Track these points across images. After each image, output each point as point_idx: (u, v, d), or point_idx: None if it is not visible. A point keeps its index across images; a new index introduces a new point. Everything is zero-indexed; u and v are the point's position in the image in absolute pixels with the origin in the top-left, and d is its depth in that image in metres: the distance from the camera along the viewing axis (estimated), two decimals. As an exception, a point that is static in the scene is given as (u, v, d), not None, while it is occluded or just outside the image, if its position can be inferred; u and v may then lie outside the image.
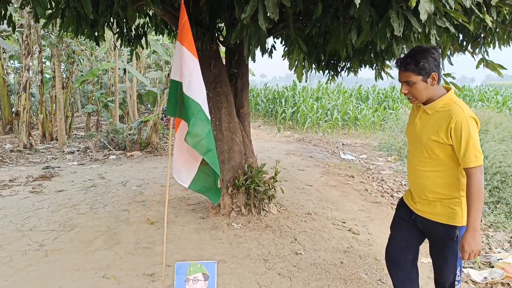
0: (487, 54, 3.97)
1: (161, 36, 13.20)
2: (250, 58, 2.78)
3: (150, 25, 5.35)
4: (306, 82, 6.97)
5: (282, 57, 5.93)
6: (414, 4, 1.86)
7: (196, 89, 2.16)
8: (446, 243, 2.01)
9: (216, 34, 4.40)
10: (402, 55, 3.59)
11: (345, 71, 6.00)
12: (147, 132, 8.90)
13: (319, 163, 7.65)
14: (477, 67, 4.03)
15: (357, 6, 2.22)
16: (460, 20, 2.28)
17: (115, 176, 6.43)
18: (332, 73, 5.96)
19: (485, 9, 2.53)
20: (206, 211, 4.46)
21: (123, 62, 13.06)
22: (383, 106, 13.60)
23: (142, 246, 3.53)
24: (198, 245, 3.54)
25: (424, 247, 2.38)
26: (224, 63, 4.51)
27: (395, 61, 2.03)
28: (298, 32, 2.96)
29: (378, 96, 15.21)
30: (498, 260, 3.61)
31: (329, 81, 6.47)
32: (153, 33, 9.06)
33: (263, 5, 2.06)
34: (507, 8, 2.52)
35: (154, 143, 8.81)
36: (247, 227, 3.93)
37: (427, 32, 2.50)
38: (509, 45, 4.05)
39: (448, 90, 2.00)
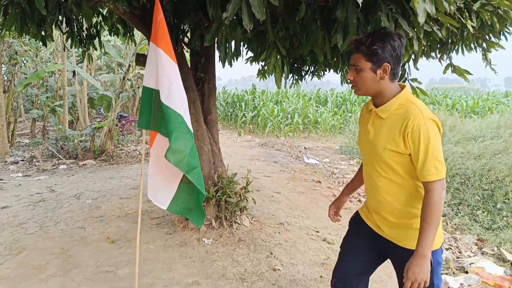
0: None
1: (113, 37, 12.52)
2: (226, 62, 2.55)
3: (103, 24, 4.95)
4: (285, 87, 6.84)
5: (244, 60, 5.74)
6: (417, 5, 1.72)
7: (176, 98, 1.88)
8: None
9: (181, 36, 4.12)
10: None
11: (309, 75, 5.92)
12: (101, 139, 8.34)
13: (284, 168, 7.52)
14: (444, 72, 4.05)
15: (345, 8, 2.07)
16: (448, 25, 2.19)
17: (67, 188, 5.89)
18: (296, 77, 5.86)
19: (466, 14, 2.48)
20: (173, 226, 4.15)
21: (71, 63, 12.25)
22: (342, 109, 13.84)
23: (104, 270, 3.16)
24: (167, 266, 3.24)
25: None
26: (189, 67, 4.23)
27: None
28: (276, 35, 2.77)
29: (336, 99, 15.45)
30: (470, 264, 3.63)
31: (292, 85, 6.37)
32: (105, 33, 8.53)
33: (247, 4, 1.84)
34: (488, 14, 2.48)
35: (109, 151, 8.27)
36: (219, 242, 3.67)
37: (410, 36, 2.41)
38: (475, 51, 4.13)
39: (402, 88, 1.69)
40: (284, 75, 2.72)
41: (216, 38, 2.64)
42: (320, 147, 10.93)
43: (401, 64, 1.63)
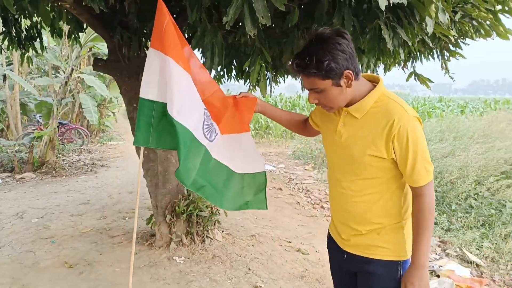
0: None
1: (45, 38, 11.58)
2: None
3: (44, 25, 4.49)
4: (270, 96, 6.68)
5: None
6: (434, 15, 1.68)
7: (189, 113, 1.66)
8: (388, 285, 1.50)
9: (144, 40, 3.83)
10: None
11: (255, 80, 5.86)
12: (41, 149, 7.62)
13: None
14: (407, 80, 4.18)
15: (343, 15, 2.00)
16: (440, 35, 2.21)
17: (6, 206, 5.26)
18: (256, 82, 5.77)
19: (449, 24, 2.53)
20: (137, 244, 3.83)
21: (2, 66, 11.12)
22: (292, 115, 14.01)
23: (66, 301, 2.81)
24: (139, 291, 2.95)
25: None
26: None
27: (291, 61, 1.43)
28: (262, 41, 2.63)
29: (285, 104, 15.64)
30: (440, 267, 3.74)
31: (250, 91, 6.28)
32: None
33: (250, 7, 1.69)
34: (469, 24, 2.55)
35: (50, 162, 7.57)
36: (192, 259, 3.44)
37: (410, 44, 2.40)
38: (433, 59, 4.31)
39: (374, 81, 1.47)
40: (268, 83, 2.61)
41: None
42: (273, 152, 10.95)
43: (356, 58, 1.40)
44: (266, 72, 2.60)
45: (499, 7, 2.64)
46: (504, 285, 3.42)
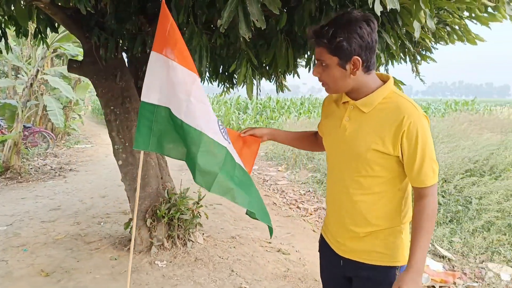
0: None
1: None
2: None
3: (9, 25, 4.30)
4: (257, 98, 6.67)
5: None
6: (424, 21, 1.76)
7: (198, 114, 1.64)
8: None
9: (121, 41, 3.76)
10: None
11: (241, 83, 5.89)
12: (4, 153, 7.28)
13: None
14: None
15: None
16: (421, 39, 2.32)
17: (-30, 214, 5.00)
18: (228, 85, 5.79)
19: (426, 29, 2.65)
20: (115, 249, 3.75)
21: (-42, 67, 10.54)
22: (264, 116, 14.11)
23: (46, 311, 2.71)
24: (122, 297, 2.89)
25: None
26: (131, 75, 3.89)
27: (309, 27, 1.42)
28: (248, 44, 2.66)
29: (257, 106, 15.72)
30: (414, 262, 3.89)
31: (223, 93, 6.29)
32: None
33: (244, 10, 1.71)
34: (444, 30, 2.69)
35: (15, 167, 7.25)
36: (174, 263, 3.41)
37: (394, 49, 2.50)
38: (405, 63, 4.49)
39: (385, 79, 1.44)
40: (255, 85, 2.63)
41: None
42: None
43: (375, 53, 1.37)
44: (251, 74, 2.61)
45: (466, 13, 2.80)
46: (474, 277, 3.61)
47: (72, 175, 7.78)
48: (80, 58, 11.46)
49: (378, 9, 1.55)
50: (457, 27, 2.81)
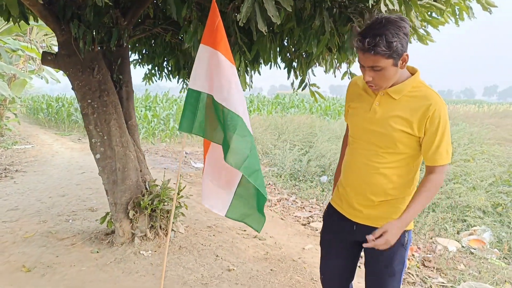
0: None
1: None
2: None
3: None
4: (249, 90, 6.72)
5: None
6: (414, 20, 2.07)
7: (236, 100, 1.80)
8: (396, 251, 1.68)
9: (98, 34, 3.75)
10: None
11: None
12: None
13: (176, 174, 7.40)
14: (342, 78, 4.71)
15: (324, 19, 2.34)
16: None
17: None
18: (188, 81, 5.90)
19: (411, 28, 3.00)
20: (94, 243, 3.74)
21: None
22: (216, 115, 14.18)
23: (39, 303, 2.69)
24: (115, 285, 2.94)
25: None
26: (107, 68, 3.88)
27: (358, 38, 1.50)
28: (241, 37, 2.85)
29: (206, 105, 15.67)
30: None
31: (183, 90, 6.38)
32: None
33: (260, 7, 1.92)
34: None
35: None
36: (159, 252, 3.50)
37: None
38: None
39: (412, 72, 1.64)
40: (248, 78, 2.82)
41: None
42: (199, 151, 11.02)
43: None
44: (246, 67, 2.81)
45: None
46: (427, 250, 4.11)
47: (20, 175, 7.36)
48: (20, 53, 10.79)
49: (383, 9, 1.83)
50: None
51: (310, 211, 5.63)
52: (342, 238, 1.86)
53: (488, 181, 5.16)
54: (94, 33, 3.57)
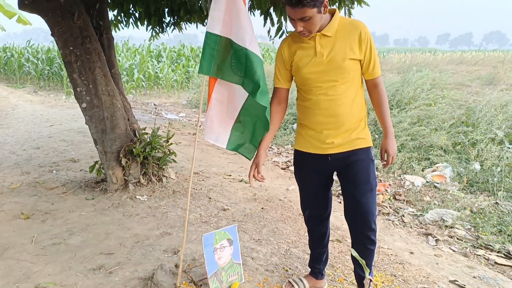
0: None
1: None
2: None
3: None
4: (151, 41, 6.46)
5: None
6: None
7: (257, 45, 1.89)
8: (369, 167, 1.94)
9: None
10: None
11: (170, 27, 5.90)
12: None
13: (151, 125, 7.38)
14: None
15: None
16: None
17: None
18: (158, 29, 5.76)
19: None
20: (85, 191, 3.82)
21: None
22: (182, 64, 13.86)
23: (49, 244, 2.77)
24: (120, 226, 3.08)
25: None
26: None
27: None
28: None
29: (170, 54, 15.26)
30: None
31: (152, 38, 6.24)
32: None
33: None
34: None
35: None
36: (155, 196, 3.65)
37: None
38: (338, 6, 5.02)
39: (332, 12, 1.88)
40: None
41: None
42: (167, 103, 10.93)
43: None
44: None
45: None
46: (397, 186, 4.56)
47: (-17, 130, 7.06)
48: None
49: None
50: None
51: (287, 157, 5.93)
52: (321, 172, 2.05)
53: (448, 123, 5.63)
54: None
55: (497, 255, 3.16)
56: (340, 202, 4.16)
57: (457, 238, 3.44)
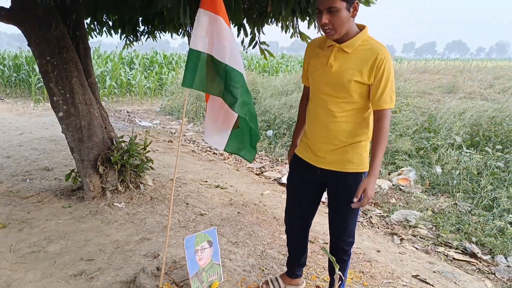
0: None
1: None
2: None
3: None
4: (127, 49, 6.50)
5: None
6: None
7: (237, 60, 2.05)
8: (355, 190, 1.86)
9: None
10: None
11: (144, 36, 5.99)
12: None
13: (125, 133, 7.38)
14: (291, 37, 5.01)
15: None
16: None
17: None
18: (132, 37, 5.83)
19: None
20: (61, 200, 3.83)
21: None
22: (155, 71, 13.81)
23: (28, 252, 2.81)
24: (98, 233, 3.14)
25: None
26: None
27: None
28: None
29: (143, 61, 15.17)
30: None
31: (126, 47, 6.29)
32: None
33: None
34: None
35: None
36: (132, 203, 3.72)
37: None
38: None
39: (361, 27, 1.84)
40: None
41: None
42: (141, 110, 10.89)
43: None
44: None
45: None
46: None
47: (-51, 139, 6.84)
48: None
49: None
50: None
51: (261, 163, 6.10)
52: (308, 182, 2.10)
53: (412, 129, 5.98)
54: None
55: (455, 252, 3.43)
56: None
57: (420, 237, 3.70)
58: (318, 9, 1.74)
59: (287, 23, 4.14)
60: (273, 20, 4.22)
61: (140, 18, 5.31)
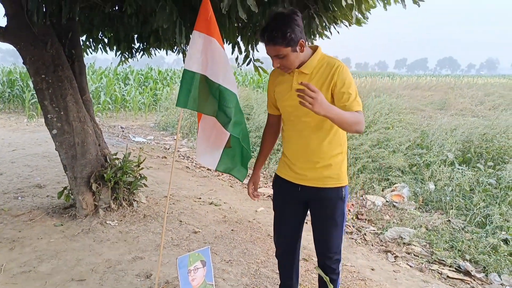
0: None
1: None
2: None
3: None
4: (122, 66, 6.55)
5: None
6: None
7: (231, 81, 2.08)
8: (336, 204, 1.96)
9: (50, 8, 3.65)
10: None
11: (139, 53, 6.04)
12: None
13: (119, 149, 7.36)
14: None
15: None
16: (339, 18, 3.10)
17: None
18: (128, 54, 5.88)
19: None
20: (54, 217, 3.79)
21: None
22: (149, 87, 13.85)
23: (19, 271, 2.77)
24: (91, 252, 3.11)
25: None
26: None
27: (260, 34, 1.81)
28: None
29: (138, 77, 15.23)
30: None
31: (121, 63, 6.33)
32: None
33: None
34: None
35: None
36: (125, 221, 3.69)
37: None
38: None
39: (314, 49, 1.92)
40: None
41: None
42: (134, 125, 10.89)
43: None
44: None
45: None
46: (359, 206, 4.81)
47: None
48: None
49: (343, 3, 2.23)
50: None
51: (255, 178, 6.09)
52: (290, 201, 2.13)
53: (405, 145, 6.02)
54: (47, 7, 3.51)
55: (449, 270, 3.43)
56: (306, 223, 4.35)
57: (414, 254, 3.70)
58: (268, 54, 1.84)
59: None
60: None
61: (136, 36, 5.38)
